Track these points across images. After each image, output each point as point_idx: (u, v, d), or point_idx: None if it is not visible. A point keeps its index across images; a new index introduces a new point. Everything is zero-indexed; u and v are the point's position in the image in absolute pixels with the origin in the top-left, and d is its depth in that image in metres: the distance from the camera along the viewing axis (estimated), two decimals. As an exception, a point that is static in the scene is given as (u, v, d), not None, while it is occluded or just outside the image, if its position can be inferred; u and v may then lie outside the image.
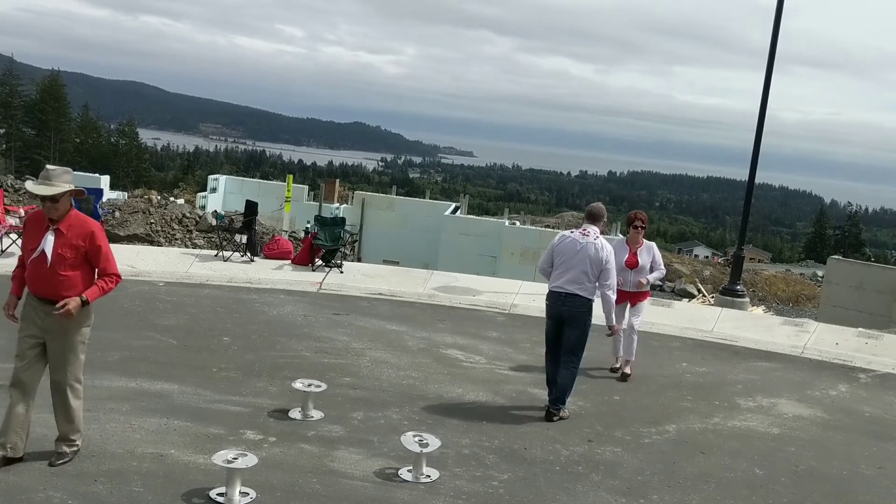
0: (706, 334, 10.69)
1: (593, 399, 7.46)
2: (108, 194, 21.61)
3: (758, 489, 5.67)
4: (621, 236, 25.05)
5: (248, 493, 4.78)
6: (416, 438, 5.40)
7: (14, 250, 11.29)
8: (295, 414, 6.26)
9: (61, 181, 4.84)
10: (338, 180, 31.43)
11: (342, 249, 13.24)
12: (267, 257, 13.00)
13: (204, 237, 16.51)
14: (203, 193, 25.02)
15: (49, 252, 4.81)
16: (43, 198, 4.81)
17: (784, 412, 7.62)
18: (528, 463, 5.77)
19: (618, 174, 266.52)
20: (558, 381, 6.72)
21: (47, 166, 4.99)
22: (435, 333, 9.49)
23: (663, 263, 8.60)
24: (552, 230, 25.18)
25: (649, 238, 8.71)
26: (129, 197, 22.44)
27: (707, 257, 70.79)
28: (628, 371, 8.31)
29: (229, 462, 4.74)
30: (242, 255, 12.65)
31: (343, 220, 14.03)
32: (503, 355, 8.76)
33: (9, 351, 7.13)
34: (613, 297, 6.77)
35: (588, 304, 6.64)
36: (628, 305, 8.36)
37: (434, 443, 5.40)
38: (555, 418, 6.68)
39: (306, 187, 28.08)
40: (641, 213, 8.57)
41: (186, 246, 15.78)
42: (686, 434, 6.74)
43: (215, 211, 18.27)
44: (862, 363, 9.84)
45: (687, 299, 23.87)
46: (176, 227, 16.84)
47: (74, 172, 5.28)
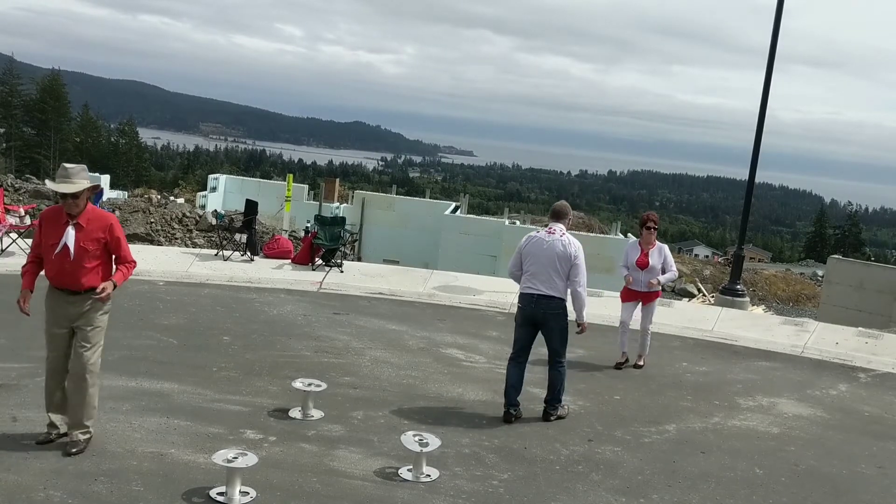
0: (706, 334, 10.70)
1: (593, 399, 7.46)
2: (109, 193, 21.60)
3: (758, 489, 5.68)
4: (621, 236, 25.09)
5: (249, 493, 4.78)
6: (416, 438, 5.40)
7: (14, 249, 11.28)
8: (295, 413, 6.27)
9: (80, 178, 5.11)
10: (338, 180, 31.33)
11: (342, 249, 13.24)
12: (267, 256, 12.99)
13: (204, 236, 16.51)
14: (203, 193, 24.96)
15: (72, 246, 5.09)
16: (64, 195, 5.06)
17: (784, 412, 7.62)
18: (528, 462, 5.77)
19: (618, 174, 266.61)
20: (550, 383, 6.69)
21: (65, 164, 5.21)
22: (435, 333, 9.49)
23: (675, 266, 8.81)
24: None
25: None
26: (129, 196, 22.44)
27: (707, 257, 70.85)
28: (642, 363, 8.69)
29: (229, 461, 4.74)
30: (242, 255, 12.65)
31: (343, 219, 14.02)
32: (503, 355, 8.70)
33: (9, 351, 7.16)
34: (585, 295, 6.62)
35: (562, 304, 6.54)
36: (640, 305, 8.67)
37: (434, 442, 5.41)
38: (552, 418, 6.67)
39: (306, 187, 27.99)
40: (654, 214, 8.77)
41: (186, 245, 15.78)
42: (686, 434, 6.74)
43: (215, 210, 18.26)
44: (862, 363, 9.85)
45: (687, 299, 23.89)
46: (176, 226, 16.84)
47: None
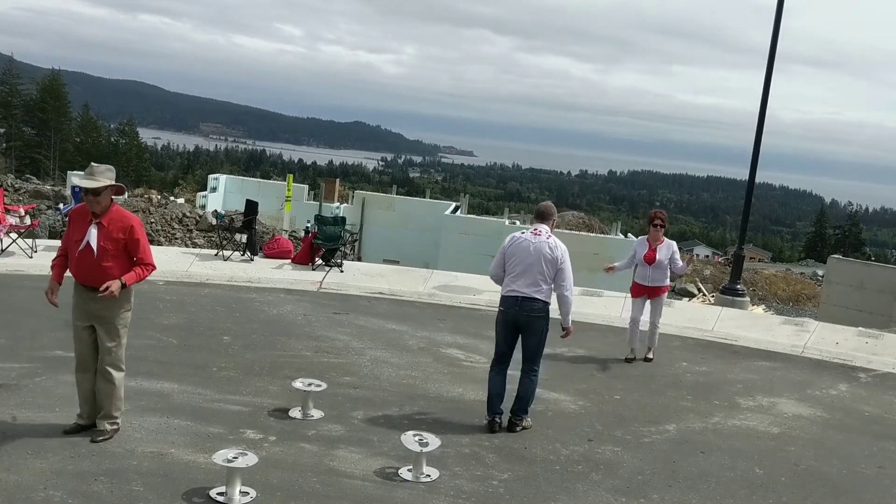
0: (706, 334, 10.70)
1: (593, 399, 7.46)
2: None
3: (758, 489, 5.68)
4: (621, 236, 25.11)
5: (249, 493, 4.78)
6: (417, 438, 5.40)
7: (14, 249, 11.28)
8: (295, 413, 6.27)
9: (104, 177, 5.23)
10: (338, 180, 31.31)
11: (342, 249, 13.24)
12: (267, 256, 13.00)
13: (204, 236, 16.51)
14: (203, 193, 24.94)
15: (94, 244, 5.23)
16: (86, 191, 5.21)
17: (784, 412, 7.62)
18: (528, 462, 5.77)
19: (618, 174, 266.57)
20: (519, 392, 6.42)
21: (92, 163, 5.38)
22: (435, 333, 9.49)
23: (681, 260, 9.13)
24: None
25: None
26: (129, 196, 22.43)
27: (707, 257, 70.84)
28: (651, 356, 9.00)
29: (229, 461, 4.74)
30: (242, 255, 12.65)
31: (343, 219, 14.03)
32: (503, 355, 8.74)
33: (9, 351, 7.16)
34: (571, 298, 6.49)
35: (546, 307, 6.35)
36: (647, 300, 8.96)
37: (434, 442, 5.40)
38: (517, 428, 6.37)
39: (306, 187, 27.97)
40: (661, 212, 9.17)
41: (186, 245, 15.79)
42: (686, 433, 6.74)
43: (215, 210, 18.27)
44: (862, 362, 9.85)
45: (687, 298, 23.88)
46: (176, 226, 16.85)
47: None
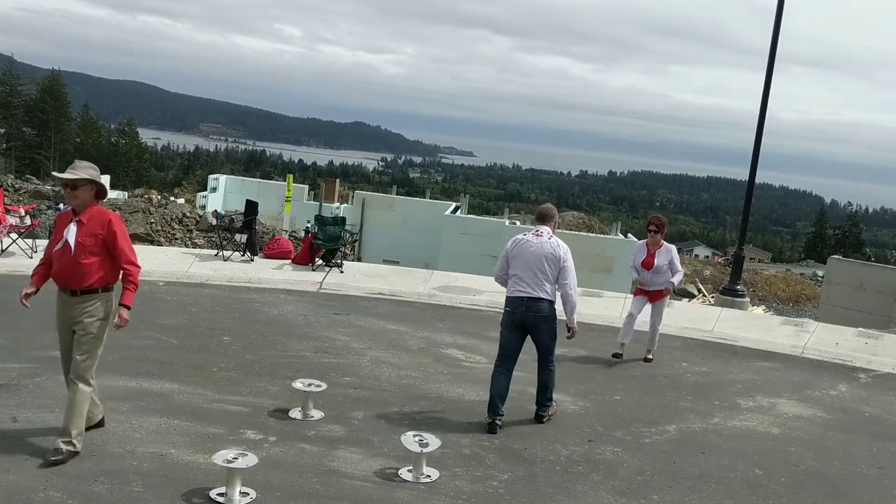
0: (706, 334, 10.70)
1: (593, 399, 7.46)
2: (109, 194, 21.58)
3: (758, 489, 5.67)
4: (621, 236, 25.10)
5: (249, 493, 4.78)
6: (417, 438, 5.40)
7: (14, 249, 11.29)
8: (295, 414, 6.26)
9: (84, 171, 5.16)
10: (338, 180, 31.30)
11: (342, 249, 13.24)
12: (267, 257, 13.00)
13: (204, 237, 16.51)
14: (203, 193, 24.95)
15: (72, 241, 5.12)
16: (64, 184, 5.13)
17: (784, 412, 7.62)
18: (528, 463, 5.77)
19: (618, 174, 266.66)
20: (540, 383, 6.61)
21: (76, 160, 5.36)
22: (435, 333, 9.49)
23: (680, 265, 9.03)
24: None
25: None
26: (129, 196, 22.43)
27: (707, 257, 70.89)
28: (651, 357, 9.03)
29: (229, 462, 4.73)
30: (242, 255, 12.65)
31: (343, 219, 14.02)
32: (503, 355, 8.74)
33: (9, 351, 7.16)
34: (575, 297, 6.57)
35: (551, 307, 6.46)
36: (647, 302, 8.96)
37: (434, 443, 5.40)
38: (545, 419, 6.62)
39: (306, 187, 27.96)
40: (657, 217, 9.05)
41: (186, 245, 15.78)
42: (686, 434, 6.74)
43: (215, 210, 18.25)
44: (862, 363, 9.85)
45: (687, 299, 23.87)
46: (176, 226, 16.84)
47: None
